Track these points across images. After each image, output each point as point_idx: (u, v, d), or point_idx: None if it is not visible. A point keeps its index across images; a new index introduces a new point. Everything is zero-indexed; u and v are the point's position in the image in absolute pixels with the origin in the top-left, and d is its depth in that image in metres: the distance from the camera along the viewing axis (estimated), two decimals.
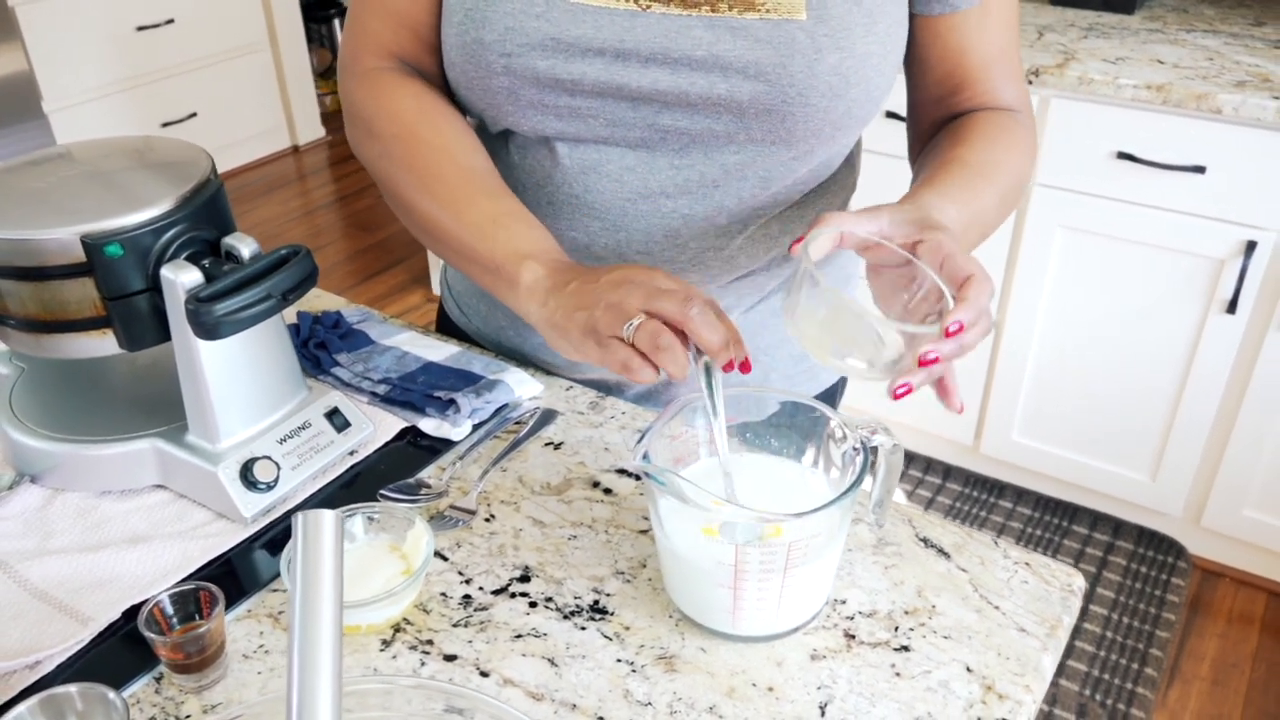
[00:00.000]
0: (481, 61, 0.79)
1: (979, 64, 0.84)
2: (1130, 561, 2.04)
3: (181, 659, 0.63)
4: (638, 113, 0.79)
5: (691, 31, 0.76)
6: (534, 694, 0.64)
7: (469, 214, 0.79)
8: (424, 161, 0.82)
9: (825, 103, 0.78)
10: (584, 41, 0.76)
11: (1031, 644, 0.67)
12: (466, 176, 0.81)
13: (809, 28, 0.75)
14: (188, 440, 0.78)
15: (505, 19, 0.77)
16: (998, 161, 0.80)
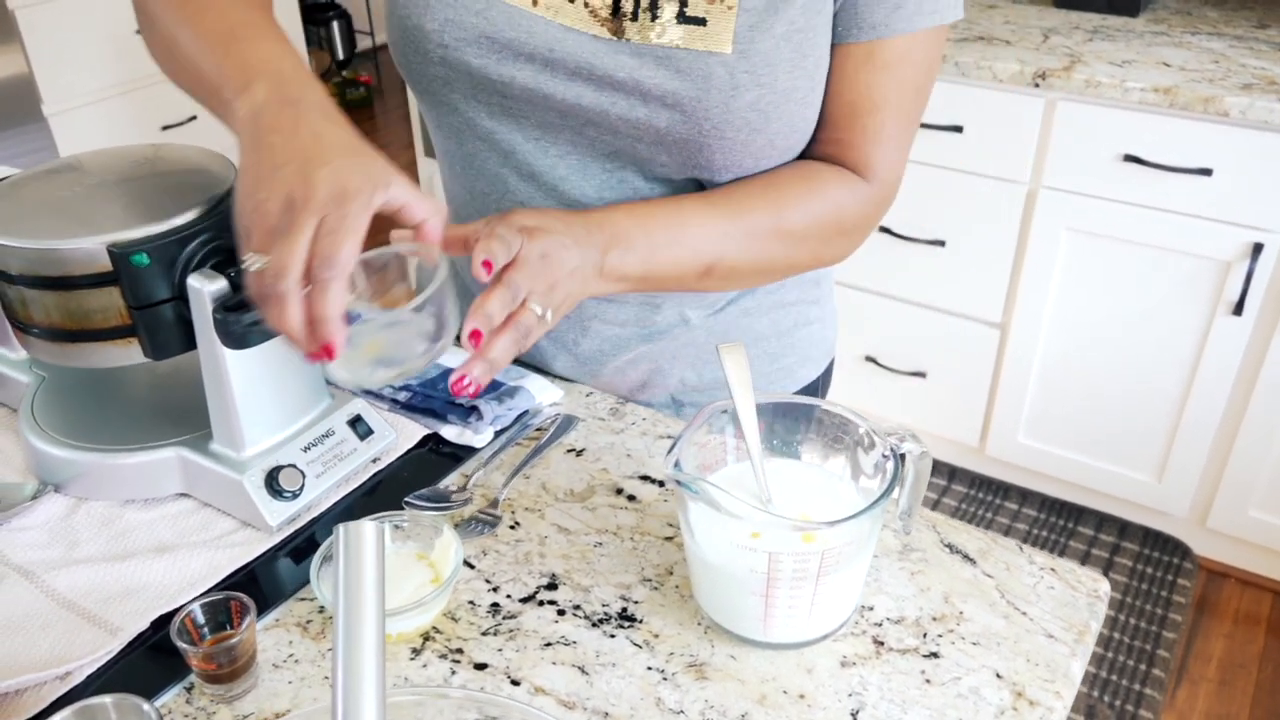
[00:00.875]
0: (420, 48, 0.79)
1: (843, 109, 0.80)
2: (1136, 563, 2.04)
3: (213, 669, 0.63)
4: (565, 121, 0.80)
5: (617, 55, 0.76)
6: (566, 702, 0.64)
7: (206, 23, 0.70)
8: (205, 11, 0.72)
9: (743, 136, 0.77)
10: (516, 45, 0.77)
11: (1060, 650, 0.68)
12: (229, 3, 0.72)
13: (730, 63, 0.75)
14: (212, 449, 0.78)
15: (446, 10, 0.77)
16: (751, 207, 0.79)
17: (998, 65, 1.79)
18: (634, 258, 0.75)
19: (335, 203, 0.57)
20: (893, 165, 0.83)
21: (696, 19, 0.74)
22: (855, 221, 0.84)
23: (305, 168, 0.58)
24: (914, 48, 0.78)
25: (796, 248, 0.83)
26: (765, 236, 0.80)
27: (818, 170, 0.82)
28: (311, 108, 0.63)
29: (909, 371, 2.19)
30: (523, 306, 0.66)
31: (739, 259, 0.81)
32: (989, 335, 2.06)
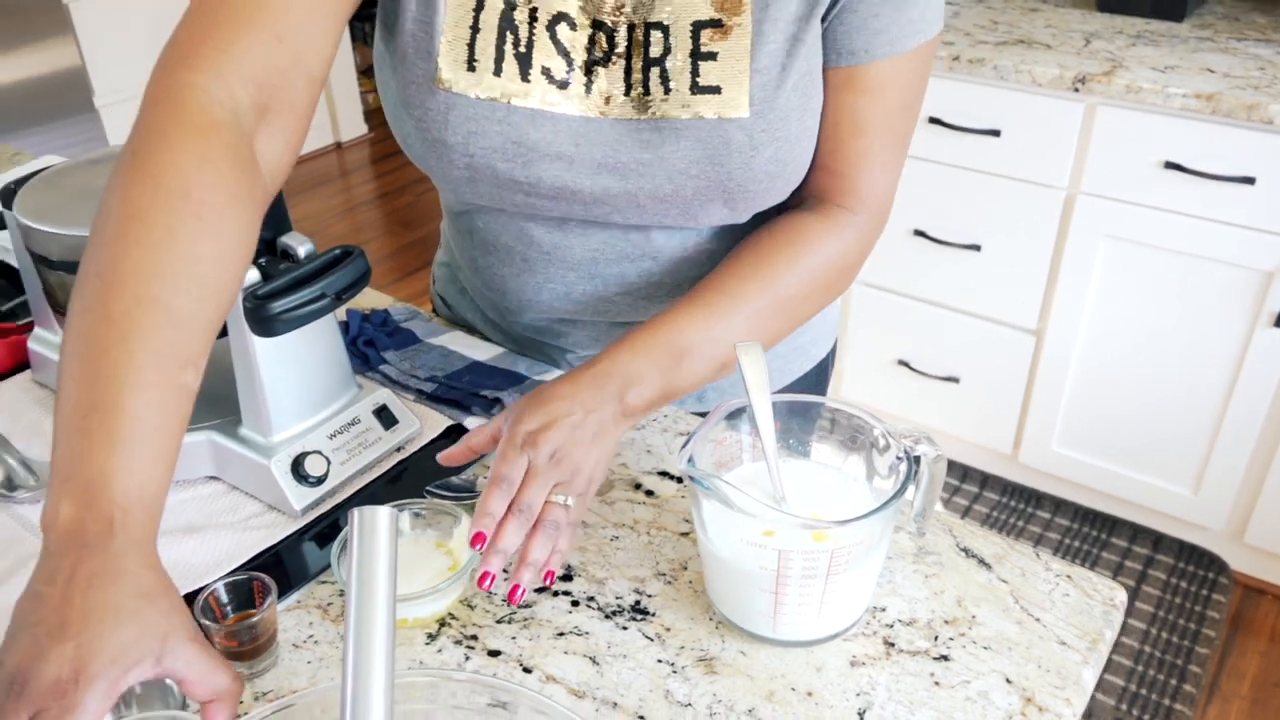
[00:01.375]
0: (444, 158, 0.78)
1: (829, 130, 0.79)
2: (1170, 576, 2.01)
3: (235, 646, 0.65)
4: (590, 212, 0.81)
5: (640, 135, 0.77)
6: (576, 691, 0.65)
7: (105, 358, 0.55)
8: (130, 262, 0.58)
9: (764, 186, 0.79)
10: (541, 147, 0.77)
11: (1072, 657, 0.67)
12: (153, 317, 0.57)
13: (747, 125, 0.75)
14: (241, 433, 0.80)
15: (467, 124, 0.76)
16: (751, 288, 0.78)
17: (1037, 69, 1.78)
18: (650, 389, 0.74)
19: (56, 693, 0.48)
20: (882, 190, 0.82)
21: (711, 88, 0.75)
22: (848, 262, 0.83)
23: (46, 637, 0.50)
24: (900, 69, 0.77)
25: (800, 309, 0.83)
26: (768, 315, 0.80)
27: (801, 227, 0.81)
28: (105, 555, 0.52)
29: (942, 376, 2.18)
30: (546, 506, 0.68)
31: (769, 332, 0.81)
32: (1024, 341, 2.04)
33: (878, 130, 0.79)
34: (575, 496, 0.69)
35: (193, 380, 0.58)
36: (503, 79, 0.75)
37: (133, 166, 0.61)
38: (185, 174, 0.60)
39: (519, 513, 0.66)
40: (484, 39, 0.75)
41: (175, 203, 0.59)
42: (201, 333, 0.59)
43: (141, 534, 0.54)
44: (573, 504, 0.69)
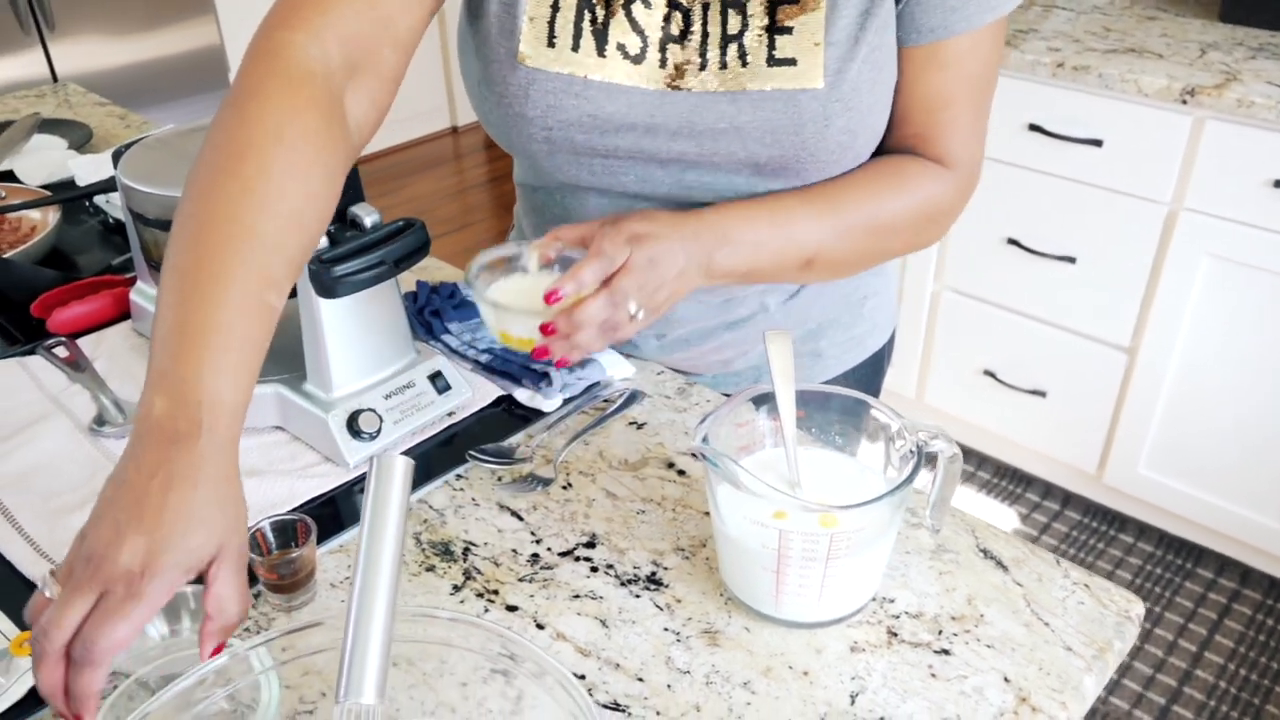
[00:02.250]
0: (524, 133, 0.83)
1: (913, 107, 0.83)
2: (1256, 612, 1.93)
3: (276, 579, 0.70)
4: (666, 171, 0.84)
5: (716, 106, 0.79)
6: (582, 650, 0.69)
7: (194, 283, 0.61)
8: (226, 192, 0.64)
9: (835, 156, 0.81)
10: (618, 118, 0.81)
11: (1076, 663, 0.67)
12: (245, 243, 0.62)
13: (822, 96, 0.78)
14: (305, 388, 0.86)
15: (547, 98, 0.80)
16: (847, 199, 0.83)
17: (1144, 79, 1.72)
18: (740, 256, 0.80)
19: (126, 579, 0.54)
20: (972, 153, 0.86)
21: (787, 60, 0.78)
22: (944, 209, 0.87)
23: (125, 526, 0.54)
24: (977, 43, 0.80)
25: (891, 239, 0.88)
26: (862, 231, 0.85)
27: (906, 164, 0.86)
28: (190, 455, 0.56)
29: (1028, 390, 2.13)
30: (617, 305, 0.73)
31: (837, 253, 0.85)
32: (1116, 359, 1.98)
33: (962, 101, 0.83)
34: (646, 312, 0.74)
35: (276, 301, 0.63)
36: (580, 54, 0.80)
37: (232, 112, 0.67)
38: (280, 120, 0.66)
39: (610, 293, 0.73)
40: (563, 17, 0.80)
41: (269, 145, 0.65)
42: (286, 260, 0.64)
43: (225, 437, 0.59)
44: (640, 318, 0.74)
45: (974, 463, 2.32)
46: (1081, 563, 2.06)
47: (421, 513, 0.81)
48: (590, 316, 0.73)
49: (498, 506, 0.81)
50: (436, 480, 0.84)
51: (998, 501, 2.22)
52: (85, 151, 1.48)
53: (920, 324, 2.24)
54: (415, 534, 0.79)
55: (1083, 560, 2.06)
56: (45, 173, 1.35)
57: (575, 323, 0.73)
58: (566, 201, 0.91)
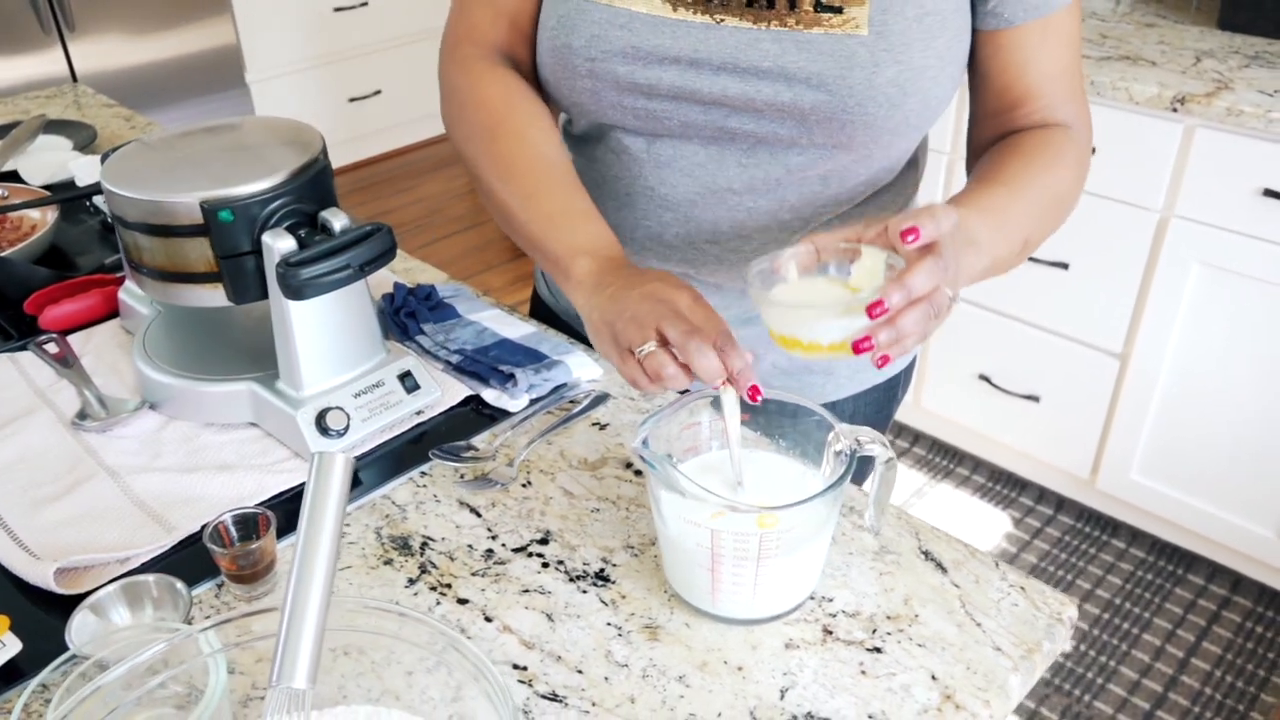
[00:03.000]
0: (569, 64, 0.86)
1: (1037, 80, 0.87)
2: (1246, 620, 1.93)
3: (236, 570, 0.74)
4: (708, 115, 0.85)
5: (760, 44, 0.81)
6: (526, 642, 0.71)
7: (538, 206, 0.86)
8: (505, 150, 0.89)
9: (883, 112, 0.82)
10: (661, 51, 0.83)
11: (1003, 663, 0.69)
12: (541, 169, 0.88)
13: (869, 43, 0.80)
14: (277, 386, 0.89)
15: (592, 27, 0.84)
16: (1034, 179, 0.83)
17: (1135, 87, 1.73)
18: (981, 259, 0.77)
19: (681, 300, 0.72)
20: (1087, 108, 0.91)
21: (833, 7, 0.80)
22: (1085, 168, 0.90)
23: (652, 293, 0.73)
24: (1071, 13, 0.86)
25: (1065, 209, 0.89)
26: (1050, 206, 0.86)
27: (1051, 135, 0.87)
28: (623, 268, 0.79)
29: (1022, 394, 2.14)
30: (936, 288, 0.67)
31: (1039, 233, 0.86)
32: (1108, 365, 1.99)
33: (1072, 66, 0.88)
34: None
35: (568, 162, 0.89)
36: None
37: (475, 96, 0.92)
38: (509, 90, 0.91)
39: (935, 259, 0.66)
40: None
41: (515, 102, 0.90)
42: (558, 146, 0.90)
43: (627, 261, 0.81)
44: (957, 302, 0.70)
45: (969, 466, 2.33)
46: (1073, 568, 2.07)
47: (384, 508, 0.84)
48: (915, 285, 0.65)
49: (458, 503, 0.84)
50: (401, 477, 0.87)
51: (991, 505, 2.23)
52: (89, 152, 1.52)
53: None
54: (376, 528, 0.82)
55: (1075, 565, 2.07)
56: (47, 173, 1.39)
57: (910, 291, 0.65)
58: (605, 156, 0.94)
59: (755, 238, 0.90)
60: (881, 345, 0.65)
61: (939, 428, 2.40)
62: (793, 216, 0.89)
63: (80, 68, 3.10)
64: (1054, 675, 1.84)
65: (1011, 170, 0.83)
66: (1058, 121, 0.88)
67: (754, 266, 0.72)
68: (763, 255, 0.73)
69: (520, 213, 0.87)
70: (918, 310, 0.65)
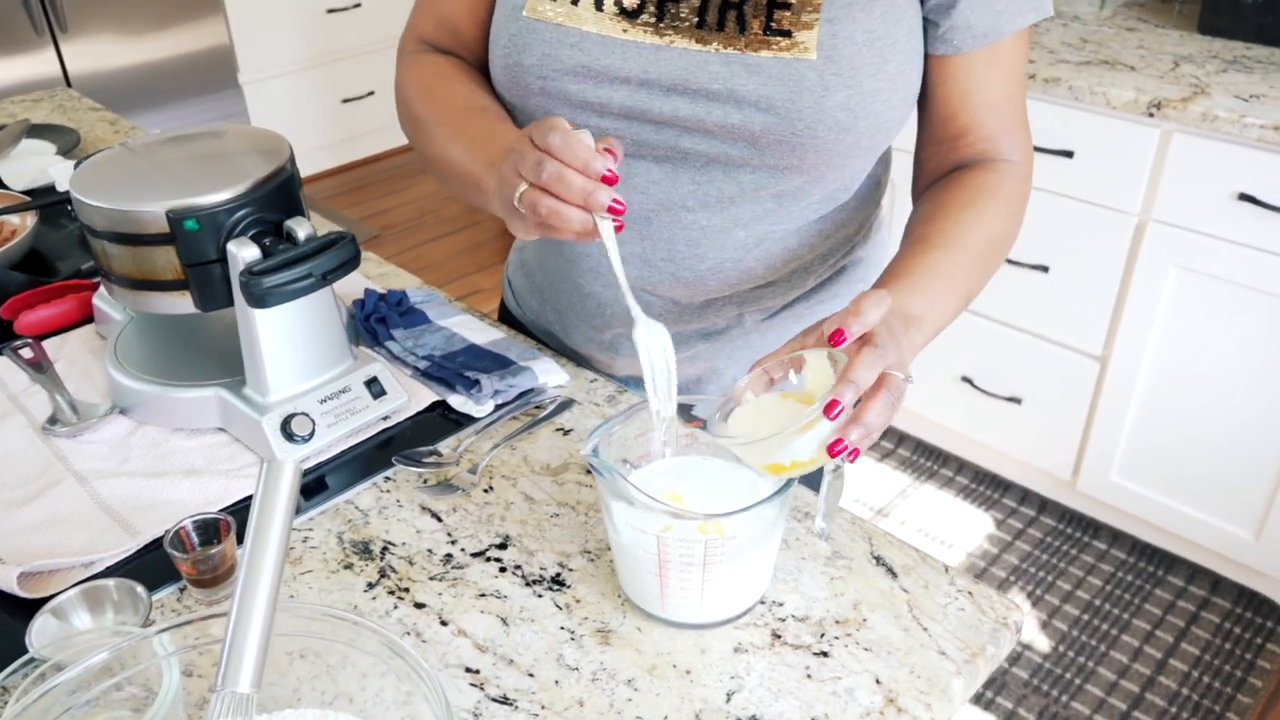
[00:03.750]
0: (521, 82, 0.87)
1: (980, 110, 0.87)
2: (1224, 620, 1.94)
3: (197, 574, 0.75)
4: (660, 135, 0.86)
5: (709, 67, 0.82)
6: (480, 646, 0.73)
7: (460, 141, 0.87)
8: (433, 110, 0.92)
9: (833, 135, 0.83)
10: (612, 71, 0.84)
11: (947, 667, 0.71)
12: (463, 112, 0.90)
13: (819, 67, 0.80)
14: (244, 392, 0.91)
15: (543, 46, 0.85)
16: (967, 233, 0.85)
17: (1112, 92, 1.74)
18: (925, 333, 0.80)
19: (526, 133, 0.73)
20: (1028, 138, 0.92)
21: (782, 31, 0.81)
22: (1023, 204, 0.91)
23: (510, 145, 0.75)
24: (1018, 42, 0.86)
25: (1001, 254, 0.90)
26: (985, 255, 0.87)
27: (983, 177, 0.88)
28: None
29: (1005, 396, 2.15)
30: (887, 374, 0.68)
31: (977, 285, 0.88)
32: (1088, 367, 2.00)
33: (1016, 95, 0.89)
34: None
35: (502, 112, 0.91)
36: (579, 8, 0.84)
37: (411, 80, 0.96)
38: (440, 65, 0.95)
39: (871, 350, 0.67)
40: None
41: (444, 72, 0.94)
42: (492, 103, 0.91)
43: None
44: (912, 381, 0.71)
45: (952, 467, 2.34)
46: (1055, 569, 2.08)
47: (347, 513, 0.85)
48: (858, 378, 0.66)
49: (420, 508, 0.85)
50: (365, 482, 0.88)
51: (974, 506, 2.24)
52: (73, 156, 1.54)
53: None
54: (338, 533, 0.83)
55: (1056, 566, 2.09)
56: (28, 178, 1.41)
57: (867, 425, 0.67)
58: None
59: (710, 256, 0.91)
60: (854, 442, 0.66)
61: (923, 429, 2.41)
62: (747, 234, 0.90)
63: (73, 68, 3.11)
64: (1032, 676, 1.86)
65: (945, 229, 0.84)
66: (997, 153, 0.89)
67: (712, 414, 0.72)
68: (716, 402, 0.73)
69: (448, 155, 0.88)
70: (878, 401, 0.67)
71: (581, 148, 0.70)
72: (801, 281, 0.97)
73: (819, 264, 0.96)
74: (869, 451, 2.40)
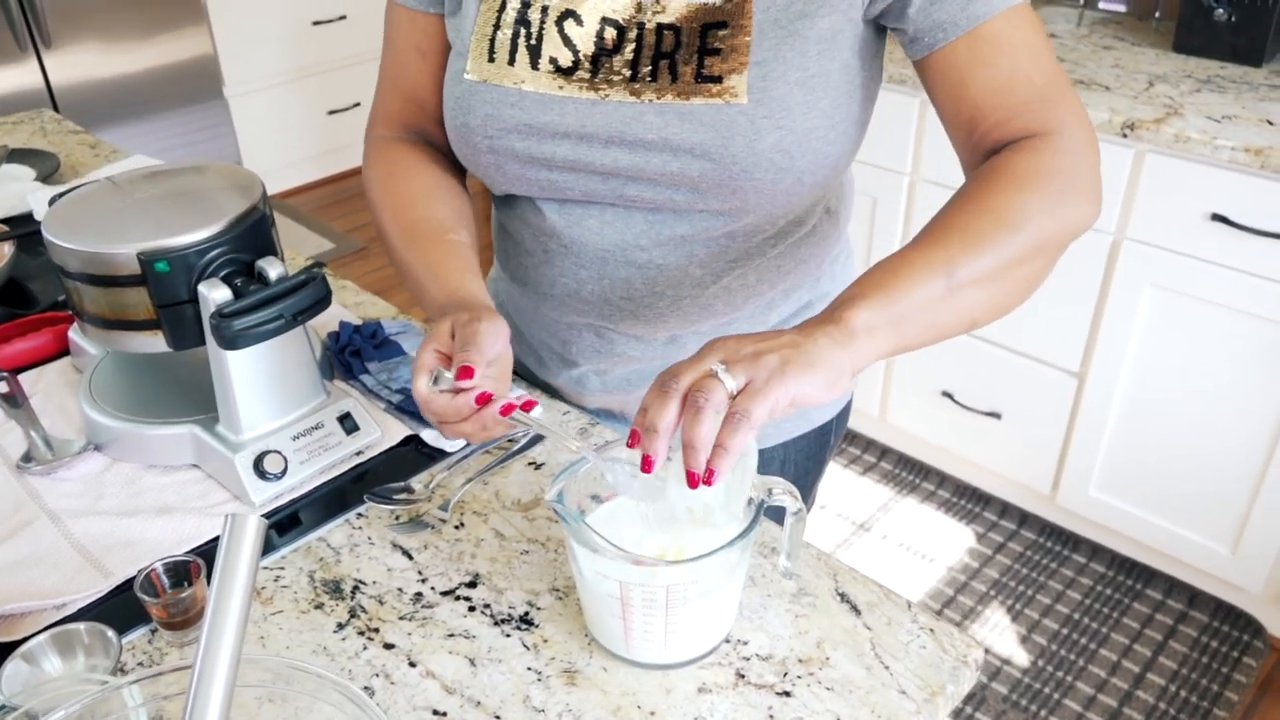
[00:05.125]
0: (470, 142, 0.90)
1: (981, 96, 0.81)
2: (1202, 634, 1.96)
3: (168, 617, 0.76)
4: (607, 184, 0.88)
5: (644, 118, 0.84)
6: (448, 688, 0.73)
7: (411, 268, 0.92)
8: (399, 215, 0.95)
9: (770, 176, 0.83)
10: (551, 126, 0.86)
11: (907, 706, 0.72)
12: (425, 227, 0.93)
13: (749, 110, 0.81)
14: (217, 430, 0.91)
15: (486, 107, 0.88)
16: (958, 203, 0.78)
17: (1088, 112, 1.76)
18: (874, 301, 0.71)
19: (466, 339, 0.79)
20: (1069, 108, 0.81)
21: (713, 77, 0.82)
22: (1067, 170, 0.79)
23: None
24: (1009, 20, 0.79)
25: (1026, 223, 0.76)
26: (990, 224, 0.76)
27: (996, 157, 0.80)
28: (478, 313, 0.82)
29: (985, 411, 2.17)
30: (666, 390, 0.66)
31: (978, 262, 0.75)
32: (1066, 383, 2.02)
33: (1029, 69, 0.80)
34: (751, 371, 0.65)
35: (464, 238, 0.93)
36: (515, 68, 0.87)
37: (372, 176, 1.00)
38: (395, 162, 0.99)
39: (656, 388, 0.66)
40: (502, 34, 0.87)
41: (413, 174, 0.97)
42: (458, 219, 0.95)
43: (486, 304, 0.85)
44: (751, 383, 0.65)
45: (934, 481, 2.36)
46: (1034, 583, 2.10)
47: (319, 551, 0.86)
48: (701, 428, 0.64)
49: (391, 545, 0.86)
50: (338, 519, 0.89)
51: (955, 520, 2.25)
52: (53, 182, 1.54)
53: None
54: (310, 572, 0.84)
55: (1036, 580, 2.10)
56: (6, 206, 1.41)
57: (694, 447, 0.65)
58: (524, 217, 0.95)
59: (668, 293, 0.92)
60: (692, 464, 0.64)
61: (905, 443, 2.43)
62: (704, 272, 0.91)
63: (56, 81, 3.11)
64: (1011, 690, 1.87)
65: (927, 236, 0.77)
66: (1027, 130, 0.80)
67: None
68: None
69: (404, 261, 0.93)
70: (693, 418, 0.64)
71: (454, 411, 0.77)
72: (764, 317, 0.98)
73: (781, 300, 0.97)
74: (850, 465, 2.41)
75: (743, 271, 0.92)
